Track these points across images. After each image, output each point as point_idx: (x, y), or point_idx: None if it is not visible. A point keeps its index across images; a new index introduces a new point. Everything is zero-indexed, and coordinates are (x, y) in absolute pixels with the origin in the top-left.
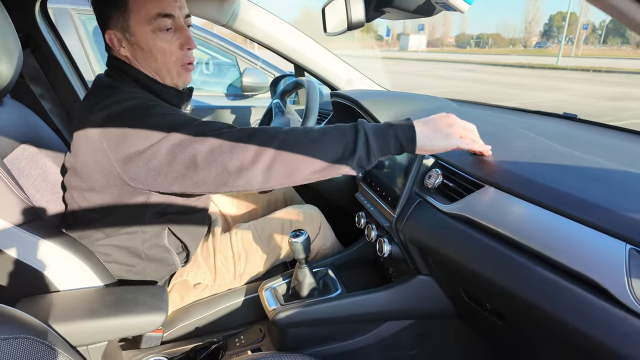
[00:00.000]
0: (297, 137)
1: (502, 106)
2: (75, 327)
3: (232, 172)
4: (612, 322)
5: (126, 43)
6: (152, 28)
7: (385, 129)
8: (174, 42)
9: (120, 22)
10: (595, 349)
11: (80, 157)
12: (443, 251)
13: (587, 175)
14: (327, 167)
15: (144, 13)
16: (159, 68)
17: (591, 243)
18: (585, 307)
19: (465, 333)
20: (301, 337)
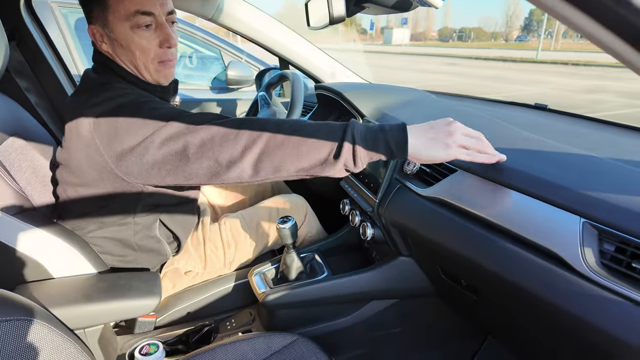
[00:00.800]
0: (286, 133)
1: (479, 97)
2: (72, 311)
3: (223, 165)
4: (567, 287)
5: (107, 39)
6: (130, 25)
7: (376, 132)
8: (153, 39)
9: (100, 17)
10: (554, 311)
11: (72, 153)
12: (421, 232)
13: (550, 158)
14: (313, 167)
15: (122, 10)
16: (137, 64)
17: (551, 218)
18: (545, 275)
19: (444, 311)
20: (290, 318)
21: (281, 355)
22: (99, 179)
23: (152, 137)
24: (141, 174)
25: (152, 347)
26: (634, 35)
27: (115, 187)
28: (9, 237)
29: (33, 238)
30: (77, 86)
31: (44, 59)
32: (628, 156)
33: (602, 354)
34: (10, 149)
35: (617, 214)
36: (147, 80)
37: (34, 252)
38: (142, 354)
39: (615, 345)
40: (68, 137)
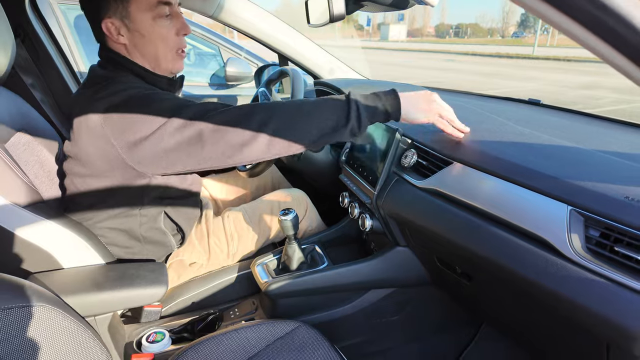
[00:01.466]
0: (294, 110)
1: (475, 93)
2: (83, 299)
3: (236, 147)
4: (555, 270)
5: (125, 30)
6: (152, 15)
7: (374, 99)
8: (171, 28)
9: (119, 10)
10: (542, 293)
11: (82, 145)
12: (418, 222)
13: (540, 150)
14: (323, 136)
15: (145, 1)
16: (157, 54)
17: (540, 206)
18: (534, 259)
19: (440, 300)
20: (291, 306)
21: (284, 341)
22: (108, 169)
23: (165, 126)
24: (154, 161)
25: (159, 335)
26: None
27: (124, 177)
28: (22, 229)
29: (44, 230)
30: (85, 81)
31: (48, 55)
32: (613, 148)
33: (588, 332)
34: (18, 144)
35: (601, 202)
36: (161, 71)
37: (45, 243)
38: (149, 342)
39: (600, 323)
40: (77, 130)
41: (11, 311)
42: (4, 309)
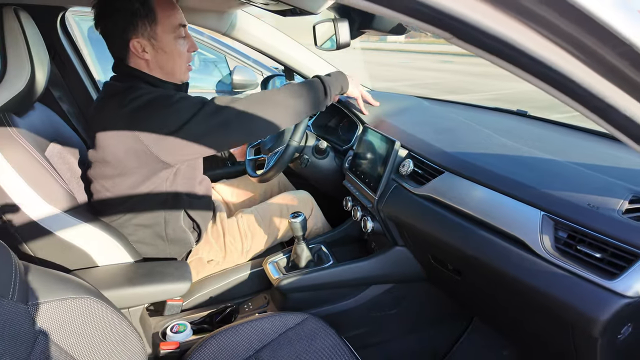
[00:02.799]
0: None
1: (466, 103)
2: (118, 293)
3: (261, 125)
4: (529, 265)
5: (150, 48)
6: (174, 36)
7: (336, 80)
8: (185, 46)
9: (147, 31)
10: (519, 285)
11: (109, 149)
12: (414, 224)
13: (519, 161)
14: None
15: (169, 24)
16: (174, 67)
17: (517, 211)
18: (512, 256)
19: (435, 295)
20: (300, 300)
21: (295, 330)
22: (137, 166)
23: (196, 116)
24: (183, 149)
25: (181, 326)
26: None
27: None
28: (63, 231)
29: (81, 231)
30: (102, 95)
31: (75, 71)
32: (584, 159)
33: (556, 317)
34: (52, 153)
35: (568, 208)
36: (174, 80)
37: (83, 243)
38: (173, 332)
39: (565, 309)
40: (103, 136)
41: (65, 302)
42: (59, 299)
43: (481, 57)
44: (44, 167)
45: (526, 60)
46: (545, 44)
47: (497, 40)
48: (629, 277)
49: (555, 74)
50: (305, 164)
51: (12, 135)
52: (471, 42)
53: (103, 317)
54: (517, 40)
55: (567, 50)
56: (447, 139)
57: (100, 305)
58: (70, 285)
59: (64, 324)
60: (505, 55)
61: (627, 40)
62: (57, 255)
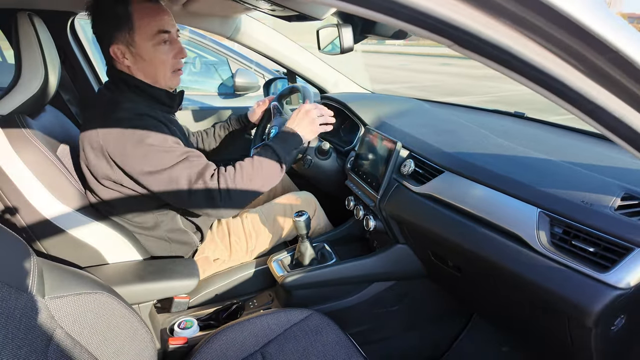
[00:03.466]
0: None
1: (465, 105)
2: (129, 289)
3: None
4: (526, 260)
5: (129, 55)
6: (153, 43)
7: (288, 147)
8: (169, 52)
9: (125, 38)
10: (517, 279)
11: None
12: (415, 222)
13: (516, 161)
14: (273, 180)
15: (147, 30)
16: (156, 74)
17: (515, 208)
18: (510, 252)
19: (435, 292)
20: (304, 297)
21: (300, 326)
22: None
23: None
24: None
25: (189, 322)
26: None
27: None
28: (75, 229)
29: (93, 229)
30: (94, 102)
31: (84, 74)
32: (578, 159)
33: (553, 309)
34: (63, 154)
35: (564, 205)
36: (161, 86)
37: (94, 241)
38: (181, 328)
39: (561, 301)
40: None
41: (81, 296)
42: (75, 294)
43: (480, 62)
44: (57, 167)
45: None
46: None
47: (495, 47)
48: (621, 269)
49: (548, 77)
50: (308, 165)
51: (27, 136)
52: (471, 49)
53: (115, 311)
54: (512, 47)
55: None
56: (447, 140)
57: (113, 300)
58: (85, 280)
59: (79, 317)
60: (502, 60)
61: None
62: (69, 252)
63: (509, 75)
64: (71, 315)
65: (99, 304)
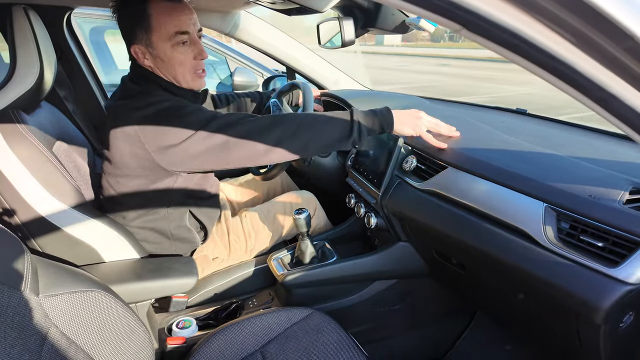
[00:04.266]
0: (309, 123)
1: (467, 103)
2: (127, 288)
3: (261, 152)
4: (533, 256)
5: (149, 55)
6: (171, 44)
7: (372, 116)
8: (189, 53)
9: (144, 38)
10: (524, 275)
11: (118, 149)
12: (418, 219)
13: (521, 156)
14: (332, 144)
15: (164, 31)
16: (176, 75)
17: (520, 203)
18: (516, 248)
19: (437, 290)
20: (305, 295)
21: (301, 325)
22: (141, 170)
23: (196, 134)
24: (184, 163)
25: (187, 322)
26: None
27: (155, 177)
28: (71, 227)
29: (89, 227)
30: (118, 91)
31: (81, 70)
32: (584, 154)
33: (560, 305)
34: (59, 151)
35: (570, 200)
36: (183, 86)
37: (90, 239)
38: (179, 328)
39: (569, 298)
40: (114, 136)
41: (76, 295)
42: (70, 292)
43: (487, 47)
44: (52, 163)
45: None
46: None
47: (505, 31)
48: (631, 264)
49: (559, 64)
50: (308, 162)
51: (22, 132)
52: (481, 34)
53: (112, 310)
54: (524, 31)
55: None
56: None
57: (109, 299)
58: (80, 278)
59: (74, 316)
60: (512, 45)
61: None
62: (65, 250)
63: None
64: (66, 313)
65: (95, 302)
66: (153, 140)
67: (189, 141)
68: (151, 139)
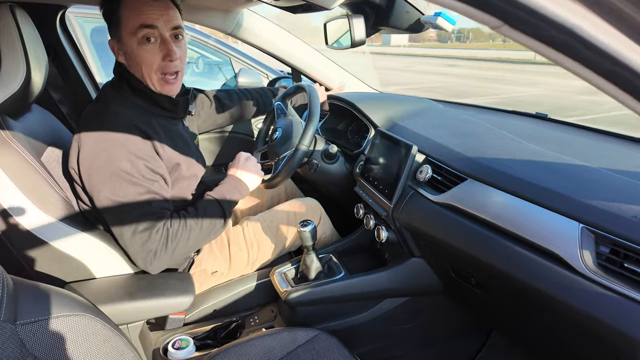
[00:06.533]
0: (203, 227)
1: (481, 106)
2: (117, 308)
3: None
4: (568, 284)
5: (120, 51)
6: (137, 39)
7: (233, 193)
8: (156, 52)
9: (116, 33)
10: (556, 305)
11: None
12: (434, 234)
13: (551, 168)
14: (214, 234)
15: (130, 25)
16: (142, 75)
17: (552, 223)
18: (548, 274)
19: (452, 308)
20: (310, 314)
21: (306, 348)
22: None
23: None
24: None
25: (184, 341)
26: None
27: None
28: (58, 241)
29: (78, 241)
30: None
31: (76, 72)
32: (620, 166)
33: (599, 341)
34: (50, 158)
35: (611, 220)
36: (155, 90)
37: (79, 253)
38: (175, 348)
39: (610, 333)
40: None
41: (57, 320)
42: (48, 318)
43: (529, 47)
44: (38, 172)
45: (588, 52)
46: (616, 35)
47: (559, 27)
48: None
49: (622, 68)
50: (314, 169)
51: (5, 139)
52: (525, 31)
53: (98, 335)
54: (582, 28)
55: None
56: (468, 143)
57: (96, 322)
58: (64, 301)
59: (55, 344)
60: (563, 44)
61: None
62: (52, 266)
63: (566, 64)
64: (46, 342)
65: (80, 327)
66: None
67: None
68: (85, 153)
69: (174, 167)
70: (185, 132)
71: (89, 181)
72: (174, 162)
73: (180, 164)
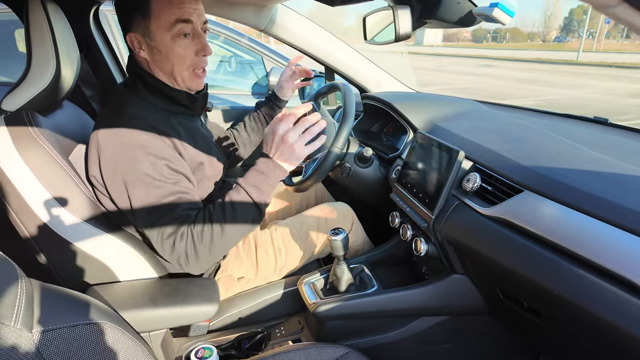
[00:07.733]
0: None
1: (530, 108)
2: (140, 315)
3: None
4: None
5: (146, 46)
6: (171, 35)
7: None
8: (190, 47)
9: (142, 26)
10: (628, 340)
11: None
12: (482, 251)
13: (618, 180)
14: (252, 227)
15: (164, 19)
16: (172, 71)
17: (624, 244)
18: (618, 303)
19: (495, 329)
20: (339, 329)
21: None
22: None
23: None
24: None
25: (207, 351)
26: None
27: None
28: (84, 242)
29: (104, 243)
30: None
31: (108, 69)
32: None
33: None
34: (79, 156)
35: None
36: (179, 87)
37: (105, 256)
38: (198, 357)
39: None
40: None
41: (76, 328)
42: (69, 326)
43: None
44: (65, 171)
45: None
46: None
47: None
48: None
49: None
50: (347, 174)
51: (33, 136)
52: None
53: (119, 344)
54: None
55: None
56: (522, 150)
57: (116, 331)
58: (83, 309)
59: (73, 353)
60: None
61: None
62: (76, 267)
63: None
64: (63, 351)
65: (99, 336)
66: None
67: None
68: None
69: (197, 167)
70: (204, 129)
71: (112, 187)
72: (197, 161)
73: (204, 162)
